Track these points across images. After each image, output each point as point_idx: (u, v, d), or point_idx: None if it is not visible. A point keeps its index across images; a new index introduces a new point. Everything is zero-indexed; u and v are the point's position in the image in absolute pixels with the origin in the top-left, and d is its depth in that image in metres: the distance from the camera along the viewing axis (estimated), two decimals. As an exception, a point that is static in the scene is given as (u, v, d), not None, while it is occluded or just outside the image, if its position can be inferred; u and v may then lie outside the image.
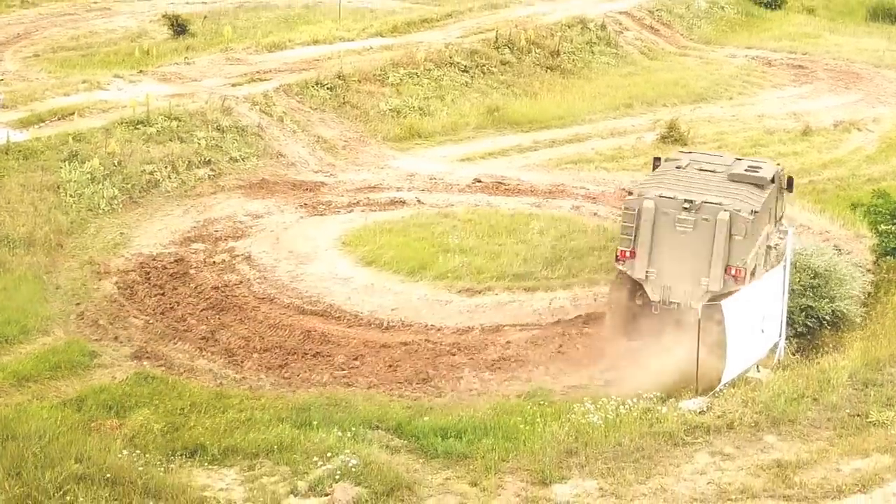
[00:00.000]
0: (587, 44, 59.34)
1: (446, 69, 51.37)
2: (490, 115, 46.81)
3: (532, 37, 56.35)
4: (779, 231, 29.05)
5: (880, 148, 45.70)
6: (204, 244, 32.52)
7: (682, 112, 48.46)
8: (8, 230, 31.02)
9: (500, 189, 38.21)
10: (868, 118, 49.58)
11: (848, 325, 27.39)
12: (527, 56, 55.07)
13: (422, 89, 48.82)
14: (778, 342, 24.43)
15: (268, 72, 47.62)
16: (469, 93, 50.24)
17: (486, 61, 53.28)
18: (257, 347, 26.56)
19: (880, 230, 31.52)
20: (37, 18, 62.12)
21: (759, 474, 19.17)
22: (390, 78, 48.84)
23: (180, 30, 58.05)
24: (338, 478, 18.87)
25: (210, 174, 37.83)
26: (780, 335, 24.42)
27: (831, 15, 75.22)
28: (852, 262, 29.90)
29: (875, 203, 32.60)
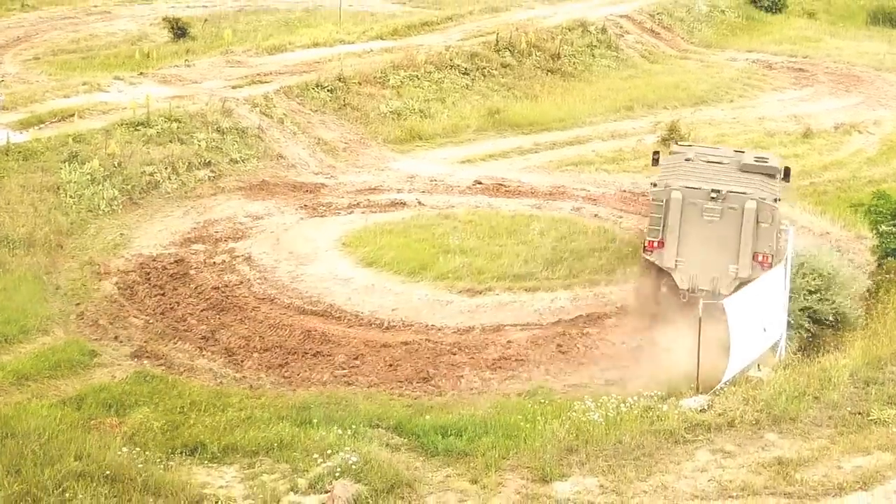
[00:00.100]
0: (588, 47, 59.40)
1: (447, 72, 51.42)
2: (491, 118, 46.82)
3: (533, 40, 56.42)
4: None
5: (881, 150, 45.72)
6: (204, 245, 32.50)
7: (682, 114, 48.38)
8: (8, 231, 31.03)
9: (500, 191, 38.16)
10: (869, 121, 49.59)
11: (849, 326, 27.39)
12: (527, 59, 55.12)
13: (422, 91, 48.86)
14: (779, 341, 24.38)
15: (268, 74, 47.66)
16: (470, 95, 50.27)
17: (486, 64, 53.34)
18: (257, 347, 26.53)
19: (881, 230, 31.51)
20: (37, 22, 62.24)
21: (760, 472, 19.11)
22: (391, 80, 48.88)
23: (180, 33, 58.16)
24: (338, 475, 18.83)
25: (210, 176, 37.84)
26: (781, 334, 24.38)
27: (832, 19, 75.35)
28: (854, 265, 29.91)
29: (875, 204, 32.56)
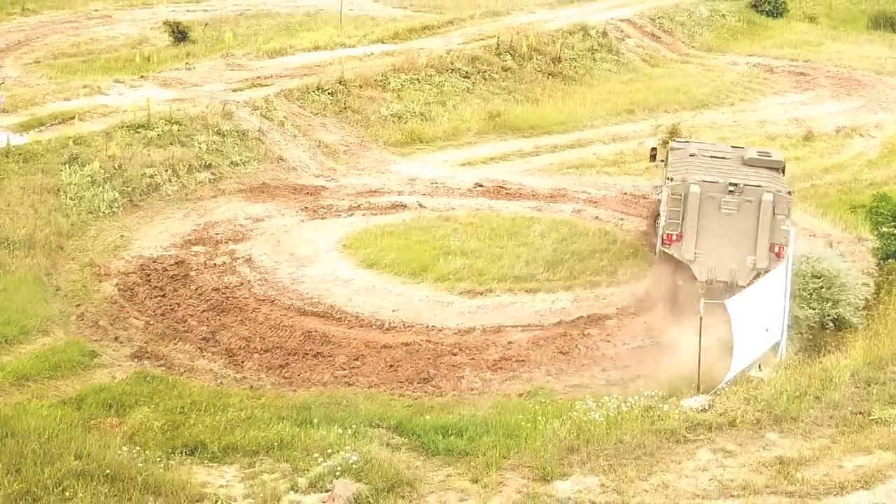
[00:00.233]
0: (589, 51, 59.44)
1: (447, 75, 51.44)
2: (491, 121, 46.84)
3: (533, 43, 56.47)
4: None
5: (882, 153, 45.76)
6: (204, 247, 32.46)
7: (683, 118, 48.47)
8: (8, 232, 31.00)
9: (501, 193, 38.14)
10: (870, 124, 49.65)
11: (850, 326, 27.37)
12: (528, 62, 55.15)
13: (423, 95, 48.87)
14: (780, 341, 24.34)
15: (269, 77, 47.67)
16: (470, 98, 50.29)
17: (487, 67, 53.36)
18: (258, 348, 26.49)
19: (882, 232, 31.49)
20: (37, 26, 62.27)
21: (761, 471, 19.03)
22: (391, 83, 48.89)
23: (181, 37, 58.19)
24: (338, 474, 18.76)
25: (211, 178, 37.81)
26: (781, 334, 24.34)
27: (833, 23, 75.32)
28: (856, 266, 29.89)
29: (876, 206, 32.55)
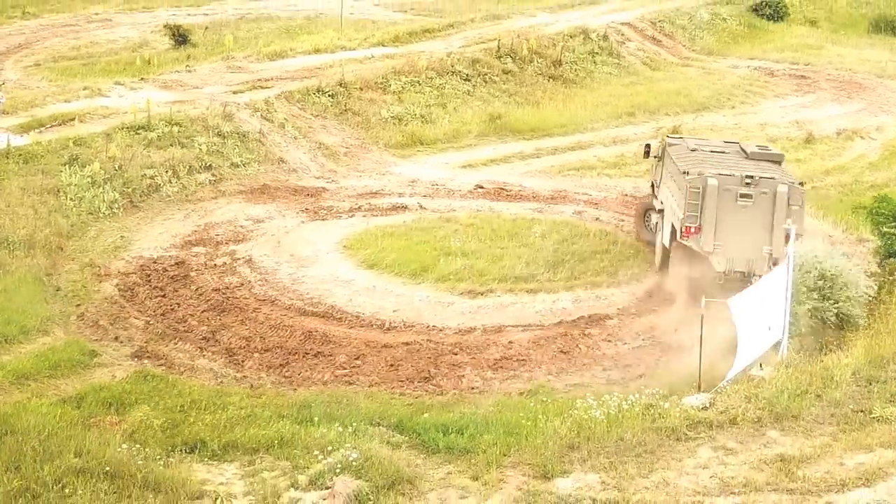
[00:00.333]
0: (589, 54, 59.46)
1: (448, 77, 51.45)
2: (492, 123, 46.86)
3: (534, 46, 56.47)
4: None
5: (883, 155, 45.75)
6: (205, 248, 32.45)
7: (684, 120, 48.50)
8: (8, 233, 30.97)
9: (502, 195, 38.15)
10: (871, 126, 49.65)
11: (852, 325, 27.30)
12: (529, 65, 55.15)
13: (423, 97, 48.89)
14: (781, 340, 24.28)
15: (269, 79, 47.69)
16: (471, 101, 50.31)
17: (487, 70, 53.38)
18: (258, 347, 26.46)
19: (883, 231, 31.42)
20: (38, 29, 62.24)
21: (762, 468, 18.97)
22: (392, 86, 48.90)
23: (181, 40, 58.19)
24: (338, 471, 18.70)
25: (211, 179, 37.82)
26: (783, 333, 24.28)
27: (833, 27, 75.34)
28: (857, 266, 29.84)
29: (878, 206, 32.46)
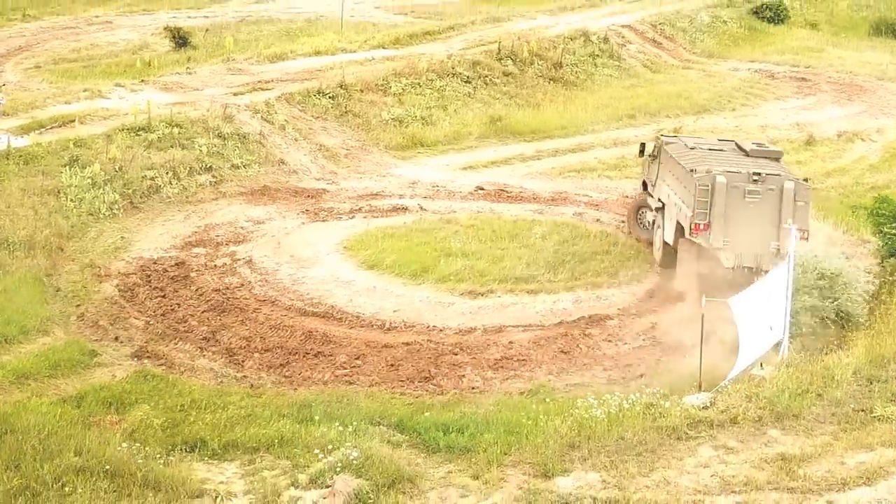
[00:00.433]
0: (590, 56, 59.47)
1: (448, 79, 51.45)
2: (493, 125, 46.88)
3: (535, 49, 56.47)
4: None
5: (884, 157, 45.78)
6: (205, 248, 32.44)
7: (684, 122, 48.49)
8: (8, 233, 30.94)
9: (502, 196, 38.14)
10: (871, 129, 49.69)
11: (852, 325, 27.31)
12: (529, 67, 55.16)
13: (424, 99, 48.88)
14: (782, 339, 24.27)
15: (269, 81, 47.71)
16: (471, 103, 50.29)
17: (488, 72, 53.37)
18: (258, 347, 26.42)
19: (884, 232, 31.41)
20: (38, 31, 62.28)
21: (763, 467, 18.93)
22: (392, 87, 48.90)
23: (182, 42, 58.14)
24: (339, 470, 18.68)
25: (211, 180, 37.81)
26: (784, 333, 24.27)
27: (834, 30, 75.45)
28: (858, 266, 29.88)
29: (878, 207, 32.44)
